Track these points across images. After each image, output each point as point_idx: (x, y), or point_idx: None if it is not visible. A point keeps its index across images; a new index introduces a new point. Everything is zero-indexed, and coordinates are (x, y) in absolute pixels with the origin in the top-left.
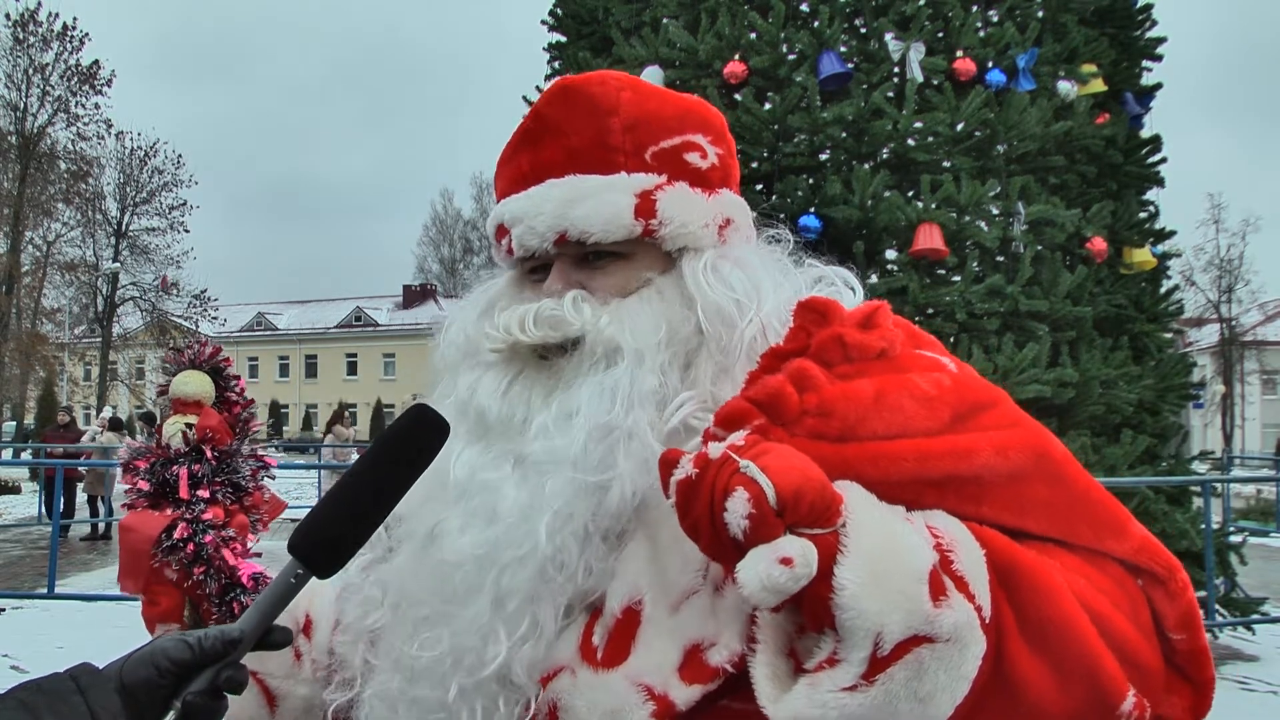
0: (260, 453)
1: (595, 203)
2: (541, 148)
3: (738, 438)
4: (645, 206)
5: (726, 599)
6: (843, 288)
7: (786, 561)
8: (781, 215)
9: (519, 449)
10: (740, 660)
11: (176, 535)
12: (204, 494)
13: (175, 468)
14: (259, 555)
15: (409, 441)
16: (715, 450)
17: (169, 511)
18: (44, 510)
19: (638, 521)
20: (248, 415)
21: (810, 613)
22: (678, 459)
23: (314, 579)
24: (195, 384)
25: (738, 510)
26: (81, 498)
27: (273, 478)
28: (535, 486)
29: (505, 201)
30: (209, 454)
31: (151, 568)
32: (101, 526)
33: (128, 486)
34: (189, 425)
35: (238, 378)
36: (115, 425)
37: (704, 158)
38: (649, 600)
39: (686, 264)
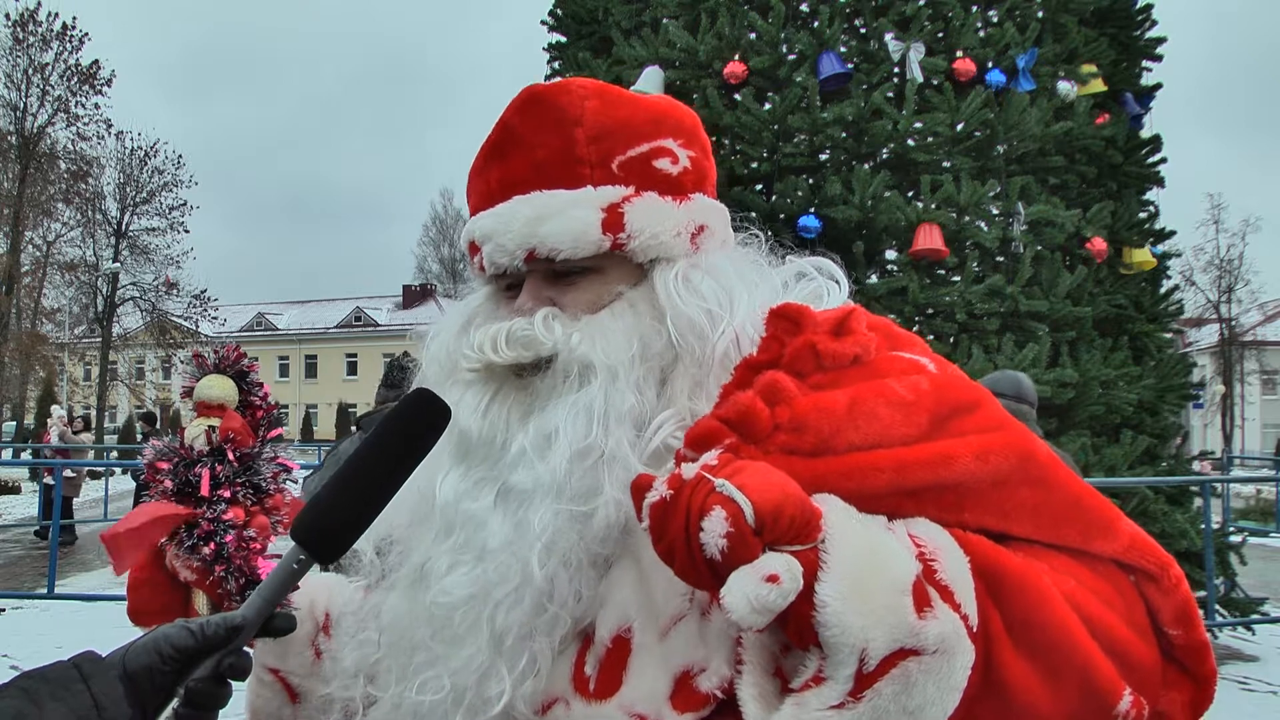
0: (281, 456)
1: (562, 219)
2: (509, 161)
3: (710, 457)
4: (613, 220)
5: (714, 622)
6: (826, 281)
7: (773, 579)
8: (781, 215)
9: (502, 477)
10: (730, 685)
11: (198, 534)
12: (225, 494)
13: (198, 468)
14: (279, 556)
15: (409, 427)
16: (689, 471)
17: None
18: (42, 510)
19: (623, 546)
20: (270, 419)
21: (794, 631)
22: (649, 483)
23: (316, 566)
24: (219, 388)
25: (715, 530)
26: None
27: (294, 480)
28: (521, 519)
29: (475, 218)
30: (231, 456)
31: (154, 550)
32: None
33: (150, 484)
34: (212, 427)
35: (261, 383)
36: (87, 425)
37: (675, 163)
38: (638, 627)
39: (658, 275)
